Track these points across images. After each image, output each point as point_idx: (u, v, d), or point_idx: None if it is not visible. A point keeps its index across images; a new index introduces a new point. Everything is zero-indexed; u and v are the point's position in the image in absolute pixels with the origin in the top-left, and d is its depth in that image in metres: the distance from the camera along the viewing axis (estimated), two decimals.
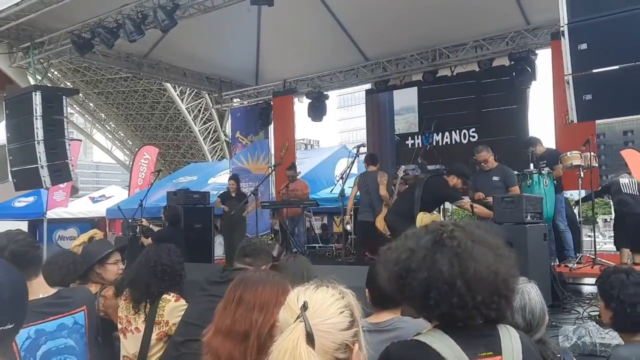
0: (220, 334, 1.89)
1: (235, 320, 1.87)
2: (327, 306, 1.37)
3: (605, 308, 2.62)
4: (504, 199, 5.41)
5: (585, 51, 4.21)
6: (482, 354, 1.45)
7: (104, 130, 48.68)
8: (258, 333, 1.84)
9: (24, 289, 1.26)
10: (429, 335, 1.49)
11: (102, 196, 18.19)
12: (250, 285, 1.97)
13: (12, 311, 1.20)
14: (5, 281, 1.19)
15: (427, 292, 1.46)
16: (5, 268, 1.24)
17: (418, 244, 1.53)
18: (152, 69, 10.95)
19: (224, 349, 1.84)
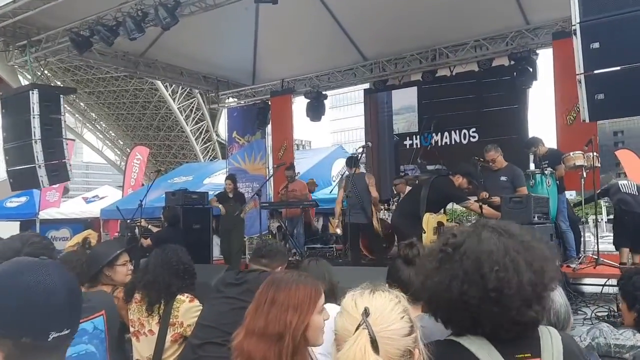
0: (253, 336, 1.86)
1: (269, 322, 1.84)
2: (389, 312, 1.34)
3: (629, 310, 2.60)
4: (512, 199, 5.40)
5: (597, 50, 4.18)
6: (519, 355, 1.41)
7: (94, 130, 48.39)
8: (293, 334, 1.82)
9: (79, 292, 1.21)
10: (465, 337, 1.45)
11: (96, 196, 18.05)
12: (283, 285, 1.94)
13: (68, 316, 1.15)
14: (60, 284, 1.15)
15: (459, 311, 1.43)
16: (59, 270, 1.19)
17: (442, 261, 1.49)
18: (148, 67, 10.85)
19: (259, 351, 1.81)
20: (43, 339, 1.11)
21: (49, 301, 1.12)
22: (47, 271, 1.16)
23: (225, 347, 2.92)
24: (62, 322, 1.14)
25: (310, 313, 1.90)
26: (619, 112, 4.57)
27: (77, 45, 7.58)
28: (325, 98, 11.26)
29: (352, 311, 1.35)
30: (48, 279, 1.14)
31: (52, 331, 1.12)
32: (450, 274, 1.44)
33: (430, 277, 1.49)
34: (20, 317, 1.12)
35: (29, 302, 1.12)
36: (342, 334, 1.34)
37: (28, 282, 1.13)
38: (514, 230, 1.50)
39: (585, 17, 4.25)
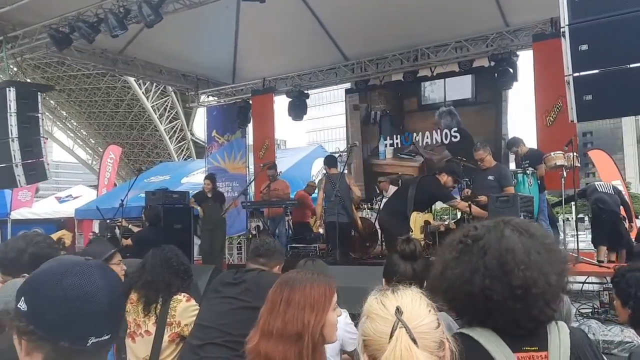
0: (271, 338, 1.84)
1: (287, 322, 1.83)
2: (418, 307, 1.33)
3: (623, 307, 2.64)
4: (498, 199, 5.47)
5: (585, 52, 4.26)
6: (526, 348, 1.44)
7: (65, 128, 47.53)
8: (312, 333, 1.82)
9: (121, 297, 1.18)
10: (474, 329, 1.49)
11: (69, 196, 17.68)
12: (297, 285, 1.93)
13: (109, 321, 1.12)
14: (102, 288, 1.11)
15: (474, 303, 1.47)
16: (103, 274, 1.14)
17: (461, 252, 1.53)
18: (127, 65, 10.67)
19: (278, 352, 1.79)
20: (82, 344, 1.08)
21: (89, 306, 1.09)
22: (90, 274, 1.12)
23: (225, 348, 2.90)
24: (102, 328, 1.11)
25: (326, 311, 1.90)
26: (607, 113, 4.67)
27: (57, 42, 7.42)
28: (307, 97, 11.24)
29: (382, 313, 1.33)
30: (89, 283, 1.11)
31: (91, 336, 1.08)
32: (470, 266, 1.48)
33: (450, 267, 1.52)
34: (58, 320, 1.09)
35: (68, 306, 1.08)
36: (375, 338, 1.31)
37: (69, 285, 1.10)
38: (534, 231, 1.54)
39: (574, 20, 4.32)
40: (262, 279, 3.13)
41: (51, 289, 1.11)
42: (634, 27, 4.11)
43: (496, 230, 1.53)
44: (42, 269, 1.17)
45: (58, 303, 1.09)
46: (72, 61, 10.29)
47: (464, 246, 1.52)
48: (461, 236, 1.56)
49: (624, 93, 4.22)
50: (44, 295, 1.11)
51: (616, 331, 4.11)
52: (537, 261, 1.46)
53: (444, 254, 1.57)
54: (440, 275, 1.55)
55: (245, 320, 2.90)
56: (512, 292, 1.42)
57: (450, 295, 1.52)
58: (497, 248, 1.47)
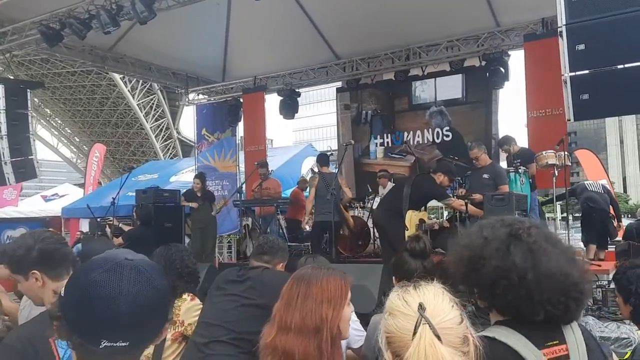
0: (290, 332, 1.83)
1: (305, 316, 1.83)
2: (441, 303, 1.33)
3: (624, 303, 2.68)
4: (494, 197, 5.51)
5: (582, 51, 4.30)
6: (549, 343, 1.47)
7: (49, 126, 46.99)
8: (330, 327, 1.81)
9: (151, 306, 1.10)
10: (497, 331, 1.49)
11: (55, 194, 17.50)
12: (313, 280, 1.93)
13: (127, 329, 1.06)
14: (127, 292, 1.07)
15: (495, 280, 1.49)
16: (137, 276, 1.10)
17: (493, 233, 1.55)
18: (116, 62, 10.58)
19: (298, 346, 1.78)
20: (94, 344, 1.05)
21: (104, 308, 1.05)
22: (118, 276, 1.08)
23: (230, 345, 2.89)
24: (118, 333, 1.06)
25: (343, 306, 1.90)
26: (603, 112, 4.73)
27: (47, 38, 7.32)
28: (299, 96, 11.22)
29: (405, 310, 1.33)
30: (112, 283, 1.07)
31: (103, 339, 1.05)
32: (474, 275, 1.53)
33: (496, 258, 1.52)
34: (75, 315, 1.07)
35: (85, 303, 1.07)
36: (399, 335, 1.31)
37: (92, 282, 1.07)
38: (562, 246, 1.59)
39: (571, 20, 4.36)
40: (266, 277, 3.12)
41: (79, 282, 1.10)
42: (630, 27, 4.16)
43: (539, 230, 1.57)
44: (89, 260, 1.15)
45: (78, 298, 1.08)
46: (61, 58, 10.18)
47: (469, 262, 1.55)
48: (465, 252, 1.58)
49: (619, 92, 4.27)
50: (72, 286, 1.11)
51: (613, 328, 4.17)
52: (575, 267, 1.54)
53: (491, 245, 1.55)
54: (477, 264, 1.54)
55: (250, 317, 2.91)
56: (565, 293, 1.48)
57: (484, 282, 1.52)
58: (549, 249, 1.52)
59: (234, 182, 11.73)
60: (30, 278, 2.12)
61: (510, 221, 1.60)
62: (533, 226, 1.58)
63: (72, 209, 14.44)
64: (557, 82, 6.74)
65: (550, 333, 1.50)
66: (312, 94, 69.79)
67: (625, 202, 46.19)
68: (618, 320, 4.41)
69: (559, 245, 1.56)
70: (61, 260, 2.17)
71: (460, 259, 1.57)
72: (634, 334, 4.04)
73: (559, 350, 1.47)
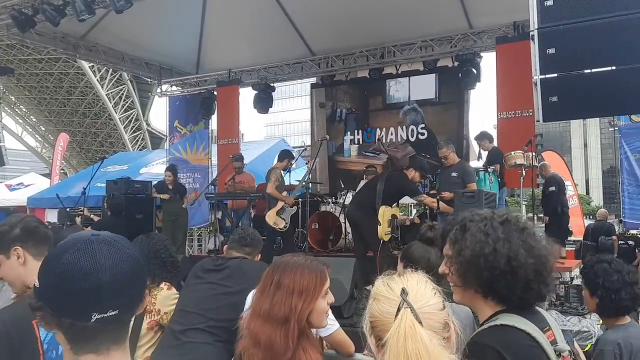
0: (259, 318, 1.88)
1: (274, 305, 1.87)
2: (423, 289, 1.40)
3: (591, 296, 2.81)
4: (464, 194, 5.64)
5: (553, 55, 4.44)
6: (545, 328, 1.58)
7: (13, 114, 45.74)
8: (298, 318, 1.85)
9: (130, 274, 1.13)
10: (509, 319, 1.57)
11: (21, 184, 17.11)
12: (288, 270, 1.96)
13: (113, 296, 1.09)
14: (102, 265, 1.09)
15: (500, 268, 1.56)
16: (109, 250, 1.12)
17: (491, 226, 1.63)
18: (89, 51, 10.40)
19: (263, 333, 1.83)
20: (84, 319, 1.08)
21: (85, 283, 1.07)
22: (91, 251, 1.10)
23: (207, 333, 2.93)
24: (104, 304, 1.08)
25: (315, 298, 1.93)
26: (571, 114, 4.90)
27: (20, 24, 7.17)
28: (273, 90, 11.23)
29: (388, 295, 1.39)
30: (88, 260, 1.09)
31: (93, 312, 1.07)
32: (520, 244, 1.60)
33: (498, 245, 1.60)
34: (58, 297, 1.09)
35: (65, 283, 1.08)
36: (381, 318, 1.37)
37: (67, 262, 1.09)
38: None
39: (543, 24, 4.50)
40: (245, 266, 3.18)
41: (52, 265, 1.11)
42: (599, 34, 4.32)
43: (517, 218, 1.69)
44: (56, 246, 1.16)
45: (56, 279, 1.09)
46: (31, 44, 9.95)
47: (506, 227, 1.63)
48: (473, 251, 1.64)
49: (587, 96, 4.43)
50: (47, 272, 1.12)
51: (574, 321, 4.35)
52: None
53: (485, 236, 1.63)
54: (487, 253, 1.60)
55: (227, 305, 2.95)
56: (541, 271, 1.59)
57: (491, 270, 1.58)
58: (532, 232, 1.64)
59: (205, 175, 11.68)
60: (12, 255, 2.11)
61: (500, 212, 1.71)
62: (516, 215, 1.71)
63: (39, 198, 14.16)
64: (526, 84, 6.98)
65: (542, 320, 1.61)
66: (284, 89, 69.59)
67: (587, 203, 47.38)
68: (579, 315, 4.59)
69: (535, 230, 1.68)
70: (44, 238, 2.17)
71: (471, 256, 1.62)
72: (594, 328, 4.22)
73: (550, 335, 1.58)
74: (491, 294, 1.62)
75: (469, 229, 1.65)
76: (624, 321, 2.72)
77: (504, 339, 1.52)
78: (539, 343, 1.50)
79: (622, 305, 2.70)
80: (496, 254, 1.57)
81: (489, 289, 1.60)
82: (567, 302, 5.20)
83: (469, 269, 1.61)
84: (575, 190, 15.21)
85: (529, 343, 1.50)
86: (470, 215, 1.71)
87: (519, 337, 1.51)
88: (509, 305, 1.60)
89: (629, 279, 2.70)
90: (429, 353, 1.24)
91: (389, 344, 1.28)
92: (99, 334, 1.11)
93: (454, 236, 1.69)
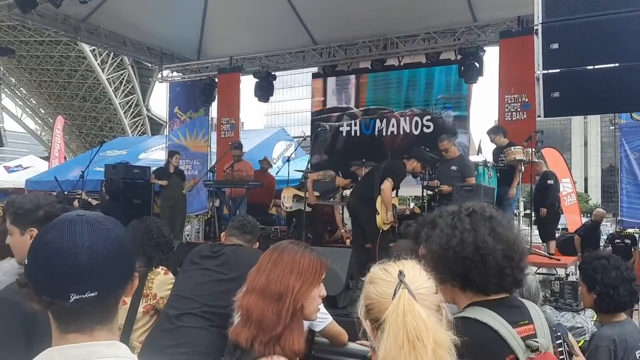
0: (254, 293, 1.85)
1: (270, 280, 1.85)
2: (418, 273, 1.43)
3: (588, 292, 2.81)
4: (463, 188, 5.64)
5: (556, 50, 4.41)
6: (520, 322, 1.57)
7: (13, 96, 45.62)
8: (295, 298, 1.83)
9: (110, 254, 1.12)
10: (473, 312, 1.58)
11: (19, 166, 17.10)
12: (288, 251, 1.95)
13: (92, 277, 1.08)
14: (82, 244, 1.08)
15: (471, 258, 1.58)
16: (92, 227, 1.12)
17: (459, 218, 1.66)
18: (90, 34, 10.35)
19: (257, 307, 1.80)
20: (62, 300, 1.07)
21: (64, 262, 1.07)
22: (73, 230, 1.10)
23: (201, 318, 2.94)
24: (82, 284, 1.07)
25: (313, 284, 1.90)
26: (572, 110, 4.88)
27: (21, 4, 7.12)
28: (275, 79, 11.17)
29: (385, 277, 1.42)
30: (68, 239, 1.09)
31: (71, 292, 1.07)
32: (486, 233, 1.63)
33: (464, 234, 1.62)
34: (39, 275, 1.10)
35: (46, 261, 1.09)
36: (378, 299, 1.39)
37: (49, 241, 1.10)
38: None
39: (547, 19, 4.47)
40: (241, 253, 3.18)
41: (37, 244, 1.12)
42: (602, 30, 4.29)
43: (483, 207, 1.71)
44: (46, 225, 1.17)
45: (39, 258, 1.10)
46: (32, 26, 9.91)
47: (474, 217, 1.66)
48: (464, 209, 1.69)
49: (589, 92, 4.41)
50: (32, 249, 1.13)
51: (568, 317, 4.36)
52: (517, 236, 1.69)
53: (453, 225, 1.66)
54: (454, 244, 1.63)
55: (222, 292, 2.96)
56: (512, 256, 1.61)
57: (462, 261, 1.60)
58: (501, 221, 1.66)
59: (204, 162, 11.67)
60: (26, 234, 2.14)
61: (467, 205, 1.73)
62: (482, 205, 1.73)
63: (37, 181, 14.12)
64: (529, 79, 6.96)
65: (520, 314, 1.61)
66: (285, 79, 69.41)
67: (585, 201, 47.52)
68: (573, 311, 4.61)
69: (504, 218, 1.70)
70: None
71: (439, 250, 1.64)
72: (587, 324, 4.23)
73: (528, 329, 1.57)
74: (468, 286, 1.63)
75: (438, 225, 1.68)
76: (620, 318, 2.73)
77: (457, 330, 1.53)
78: (500, 336, 1.51)
79: (620, 301, 2.71)
80: (464, 244, 1.59)
81: (464, 280, 1.62)
82: (561, 299, 5.22)
83: (440, 263, 1.61)
84: (574, 187, 15.20)
85: (486, 335, 1.51)
86: (439, 212, 1.74)
87: (474, 330, 1.51)
88: (487, 294, 1.62)
89: (627, 275, 2.71)
90: (427, 328, 1.27)
91: (388, 322, 1.30)
92: (80, 314, 1.11)
93: (425, 235, 1.71)
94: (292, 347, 1.76)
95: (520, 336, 1.53)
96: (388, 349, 1.29)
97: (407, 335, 1.28)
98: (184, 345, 2.79)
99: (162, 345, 2.82)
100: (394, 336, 1.29)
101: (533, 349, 1.52)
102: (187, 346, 2.79)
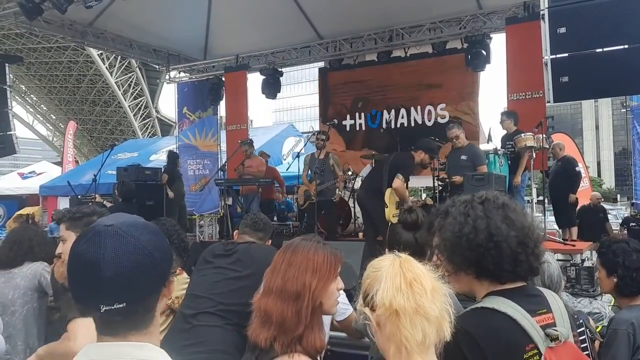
0: (271, 294, 1.86)
1: (287, 281, 1.85)
2: (413, 260, 1.44)
3: (608, 277, 2.79)
4: (474, 177, 5.60)
5: (563, 35, 4.39)
6: (539, 311, 1.56)
7: (24, 103, 46.01)
8: (312, 295, 1.83)
9: (134, 266, 1.12)
10: (490, 301, 1.57)
11: (33, 172, 17.27)
12: (300, 248, 1.95)
13: (119, 291, 1.09)
14: (109, 255, 1.09)
15: (485, 245, 1.57)
16: (117, 243, 1.12)
17: (471, 206, 1.65)
18: (97, 38, 10.41)
19: (276, 309, 1.80)
20: (94, 310, 1.10)
21: (88, 275, 1.09)
22: (99, 242, 1.11)
23: (217, 316, 2.95)
24: (110, 297, 1.09)
25: (330, 279, 1.90)
26: (581, 94, 4.84)
27: (27, 11, 7.15)
28: (281, 75, 11.18)
29: (381, 259, 1.45)
30: (93, 252, 1.10)
31: (101, 304, 1.09)
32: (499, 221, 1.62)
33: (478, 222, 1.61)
34: (71, 284, 1.13)
35: (74, 273, 1.12)
36: (374, 274, 1.42)
37: (77, 252, 1.12)
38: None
39: (553, 3, 4.44)
40: (254, 251, 3.19)
41: (71, 254, 1.15)
42: (609, 12, 4.26)
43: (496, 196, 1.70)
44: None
45: (71, 270, 1.14)
46: (39, 32, 9.98)
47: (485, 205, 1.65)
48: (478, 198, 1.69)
49: (598, 75, 4.38)
50: (68, 260, 1.16)
51: (585, 303, 4.33)
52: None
53: (465, 214, 1.65)
54: (468, 232, 1.61)
55: (237, 289, 2.97)
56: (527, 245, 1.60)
57: (475, 248, 1.59)
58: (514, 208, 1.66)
59: (215, 161, 11.71)
60: None
61: (480, 194, 1.72)
62: (495, 193, 1.72)
63: (51, 186, 14.28)
64: (537, 65, 6.87)
65: (539, 302, 1.60)
66: (292, 75, 69.40)
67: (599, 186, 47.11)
68: (590, 297, 4.57)
69: (517, 206, 1.69)
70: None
71: (452, 238, 1.63)
72: (605, 309, 4.20)
73: (547, 318, 1.56)
74: (482, 274, 1.62)
75: (451, 214, 1.67)
76: (638, 301, 2.70)
77: (477, 321, 1.53)
78: (520, 325, 1.50)
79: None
80: (477, 231, 1.58)
81: (478, 268, 1.61)
82: (577, 284, 5.19)
83: (454, 251, 1.62)
84: (587, 172, 15.08)
85: (505, 325, 1.50)
86: (451, 202, 1.73)
87: (492, 319, 1.51)
88: (502, 282, 1.60)
89: None
90: (424, 273, 1.35)
91: (384, 273, 1.36)
92: (111, 322, 1.13)
93: (438, 224, 1.70)
94: (315, 345, 1.77)
95: (539, 325, 1.52)
96: (386, 291, 1.32)
97: (405, 278, 1.33)
98: (201, 344, 2.80)
99: (179, 345, 2.83)
100: (391, 280, 1.34)
101: (553, 337, 1.51)
102: (204, 345, 2.80)
